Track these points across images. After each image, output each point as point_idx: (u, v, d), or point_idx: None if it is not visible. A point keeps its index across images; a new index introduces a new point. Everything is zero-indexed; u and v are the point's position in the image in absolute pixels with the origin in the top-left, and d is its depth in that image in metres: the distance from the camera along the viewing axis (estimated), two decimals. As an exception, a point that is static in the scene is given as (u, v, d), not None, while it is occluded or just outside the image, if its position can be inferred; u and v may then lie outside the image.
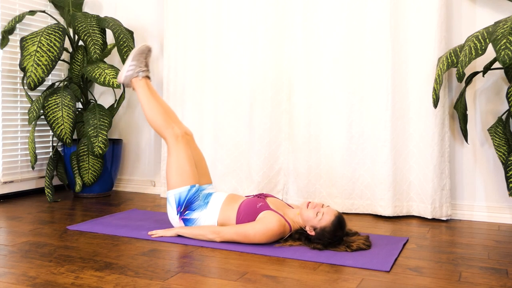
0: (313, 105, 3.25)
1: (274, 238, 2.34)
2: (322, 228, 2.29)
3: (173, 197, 2.51)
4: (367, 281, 1.89)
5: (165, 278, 1.89)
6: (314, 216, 2.31)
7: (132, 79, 2.68)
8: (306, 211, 2.34)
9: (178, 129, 2.60)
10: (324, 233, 2.28)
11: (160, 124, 2.61)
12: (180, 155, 2.54)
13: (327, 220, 2.29)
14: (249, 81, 3.42)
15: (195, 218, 2.49)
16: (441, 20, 2.95)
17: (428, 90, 2.98)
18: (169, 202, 2.53)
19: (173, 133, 2.57)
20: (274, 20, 3.36)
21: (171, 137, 2.57)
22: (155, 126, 2.63)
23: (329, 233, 2.28)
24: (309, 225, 2.33)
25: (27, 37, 3.28)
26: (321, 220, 2.29)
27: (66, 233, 2.57)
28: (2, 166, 3.46)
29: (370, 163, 3.12)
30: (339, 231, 2.30)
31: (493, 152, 2.99)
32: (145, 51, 2.69)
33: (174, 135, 2.57)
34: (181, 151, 2.55)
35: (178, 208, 2.50)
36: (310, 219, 2.32)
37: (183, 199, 2.49)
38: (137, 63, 2.67)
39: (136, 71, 2.67)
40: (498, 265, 2.13)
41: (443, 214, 2.98)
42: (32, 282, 1.84)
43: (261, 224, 2.32)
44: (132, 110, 3.99)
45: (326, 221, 2.29)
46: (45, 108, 3.36)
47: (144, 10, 3.92)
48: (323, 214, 2.30)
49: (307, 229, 2.34)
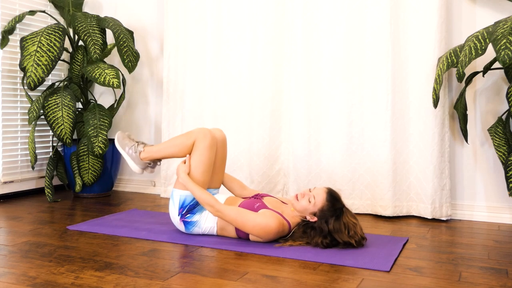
0: (313, 105, 3.25)
1: (271, 235, 2.34)
2: (320, 209, 2.31)
3: (178, 197, 2.50)
4: (367, 281, 1.89)
5: (165, 278, 1.89)
6: (308, 204, 2.33)
7: (141, 156, 2.64)
8: (298, 203, 2.37)
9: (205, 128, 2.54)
10: (325, 212, 2.30)
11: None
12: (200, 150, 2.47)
13: (321, 199, 2.32)
14: (249, 81, 3.42)
15: (195, 221, 2.49)
16: (441, 20, 2.95)
17: (428, 90, 2.98)
18: (173, 200, 2.52)
19: (198, 131, 2.50)
20: (274, 20, 3.36)
21: (197, 133, 2.50)
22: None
23: (329, 210, 2.30)
24: (307, 214, 2.35)
25: (27, 37, 3.28)
26: (316, 203, 2.32)
27: (66, 233, 2.57)
28: (2, 166, 3.46)
29: (370, 163, 3.12)
30: (337, 203, 2.33)
31: (493, 152, 2.99)
32: (124, 135, 2.70)
33: (199, 132, 2.50)
34: (202, 146, 2.47)
35: (180, 210, 2.49)
36: (306, 208, 2.34)
37: (188, 203, 2.49)
38: (129, 145, 2.67)
39: (136, 151, 2.64)
40: (498, 265, 2.13)
41: (443, 214, 2.98)
42: (32, 282, 1.84)
43: (262, 218, 2.32)
44: (132, 110, 3.99)
45: (320, 201, 2.32)
46: (45, 108, 3.36)
47: (144, 10, 3.92)
48: (314, 197, 2.33)
49: (308, 218, 2.35)
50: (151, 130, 3.93)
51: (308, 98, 3.26)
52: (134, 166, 2.65)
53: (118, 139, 2.69)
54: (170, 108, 3.68)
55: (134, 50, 3.51)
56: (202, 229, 2.50)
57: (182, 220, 2.50)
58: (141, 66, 3.93)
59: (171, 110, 3.68)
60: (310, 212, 2.34)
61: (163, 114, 3.70)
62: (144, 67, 3.94)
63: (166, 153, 2.59)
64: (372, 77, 3.11)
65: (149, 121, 3.94)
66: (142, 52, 3.91)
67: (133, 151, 2.64)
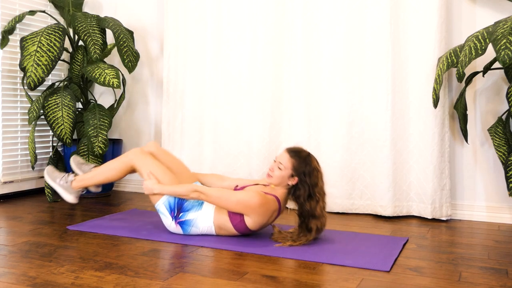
0: (313, 105, 3.25)
1: (256, 210, 2.35)
2: (293, 168, 2.37)
3: (163, 206, 2.52)
4: (367, 281, 1.89)
5: (165, 278, 1.89)
6: (280, 171, 2.39)
7: (73, 185, 2.74)
8: (272, 178, 2.42)
9: (137, 148, 2.68)
10: (298, 167, 2.37)
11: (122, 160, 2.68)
12: (149, 165, 2.57)
13: (287, 160, 2.39)
14: (249, 81, 3.42)
15: (192, 219, 2.48)
16: (441, 20, 2.95)
17: (428, 90, 2.98)
18: (162, 212, 2.53)
19: (133, 152, 2.64)
20: (274, 20, 3.36)
21: (132, 154, 2.63)
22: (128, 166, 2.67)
23: (299, 162, 2.37)
24: (287, 180, 2.39)
25: (27, 37, 3.28)
26: (285, 165, 2.39)
27: (66, 233, 2.57)
28: (2, 166, 3.46)
29: (370, 163, 3.12)
30: (301, 153, 2.41)
31: (493, 152, 2.99)
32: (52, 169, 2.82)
33: (133, 152, 2.63)
34: (147, 162, 2.58)
35: (172, 214, 2.50)
36: (281, 176, 2.40)
37: (174, 203, 2.50)
38: (59, 177, 2.77)
39: (67, 181, 2.75)
40: (498, 265, 2.13)
41: (443, 214, 2.98)
42: (32, 282, 1.84)
43: (245, 194, 2.37)
44: (132, 110, 3.99)
45: (287, 161, 2.39)
46: (45, 108, 3.36)
47: (144, 10, 3.92)
48: (281, 163, 2.39)
49: (290, 183, 2.39)
50: (151, 130, 3.93)
51: (308, 98, 3.26)
52: (67, 196, 2.76)
53: (47, 173, 2.79)
54: (170, 108, 3.68)
55: (134, 50, 3.51)
56: (199, 229, 2.49)
57: (178, 222, 2.50)
58: (141, 66, 3.93)
59: (171, 110, 3.67)
60: (287, 177, 2.39)
61: (163, 114, 3.70)
62: (144, 67, 3.94)
63: (101, 178, 2.69)
64: (372, 77, 3.10)
65: (149, 121, 3.94)
66: (142, 52, 3.91)
67: (64, 182, 2.75)
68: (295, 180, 2.38)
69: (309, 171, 2.36)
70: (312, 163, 2.39)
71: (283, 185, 2.42)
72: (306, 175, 2.35)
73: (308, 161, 2.38)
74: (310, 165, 2.37)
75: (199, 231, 2.50)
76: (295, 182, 2.38)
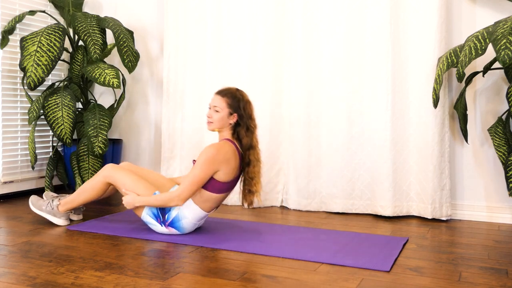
0: (313, 105, 3.25)
1: (219, 159, 2.38)
2: (229, 107, 2.45)
3: (148, 216, 2.52)
4: (367, 281, 1.89)
5: (165, 278, 1.89)
6: (217, 114, 2.47)
7: (60, 209, 2.73)
8: (213, 123, 2.49)
9: (109, 164, 2.69)
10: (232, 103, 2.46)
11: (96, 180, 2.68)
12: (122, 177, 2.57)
13: (220, 101, 2.47)
14: (249, 81, 3.41)
15: (177, 214, 2.47)
16: (441, 20, 2.95)
17: (428, 90, 2.98)
18: (150, 223, 2.54)
19: (104, 169, 2.65)
20: (274, 20, 3.36)
21: (104, 171, 2.64)
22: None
23: (232, 98, 2.46)
24: (228, 120, 2.46)
25: (27, 37, 3.28)
26: (221, 107, 2.46)
27: (66, 233, 2.57)
28: (2, 166, 3.46)
29: (370, 163, 3.12)
30: (230, 89, 2.51)
31: (493, 152, 2.99)
32: (36, 198, 2.81)
33: (105, 169, 2.64)
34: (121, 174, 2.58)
35: (158, 220, 2.51)
36: (221, 118, 2.47)
37: (156, 210, 2.51)
38: (45, 204, 2.76)
39: (53, 207, 2.74)
40: (498, 265, 2.13)
41: (443, 214, 2.98)
42: (32, 282, 1.84)
43: (200, 157, 2.40)
44: (132, 110, 3.99)
45: (221, 103, 2.46)
46: (45, 108, 3.36)
47: (144, 10, 3.92)
48: (216, 106, 2.47)
49: (231, 122, 2.47)
50: (151, 130, 3.93)
51: (308, 98, 3.26)
52: (57, 220, 2.75)
53: (32, 203, 2.78)
54: (170, 108, 3.68)
55: (134, 50, 3.51)
56: (189, 218, 2.48)
57: (168, 225, 2.50)
58: (141, 66, 3.93)
59: (171, 110, 3.67)
60: (227, 117, 2.46)
61: (163, 114, 3.70)
62: (144, 67, 3.94)
63: (82, 199, 2.70)
64: (372, 77, 3.10)
65: (149, 121, 3.94)
66: (142, 52, 3.91)
67: (50, 208, 2.75)
68: (235, 117, 2.45)
69: (244, 104, 2.46)
70: (244, 96, 2.49)
71: (225, 126, 2.49)
72: (242, 108, 2.45)
73: (240, 95, 2.47)
74: (243, 99, 2.47)
75: (190, 220, 2.48)
76: (236, 119, 2.46)
